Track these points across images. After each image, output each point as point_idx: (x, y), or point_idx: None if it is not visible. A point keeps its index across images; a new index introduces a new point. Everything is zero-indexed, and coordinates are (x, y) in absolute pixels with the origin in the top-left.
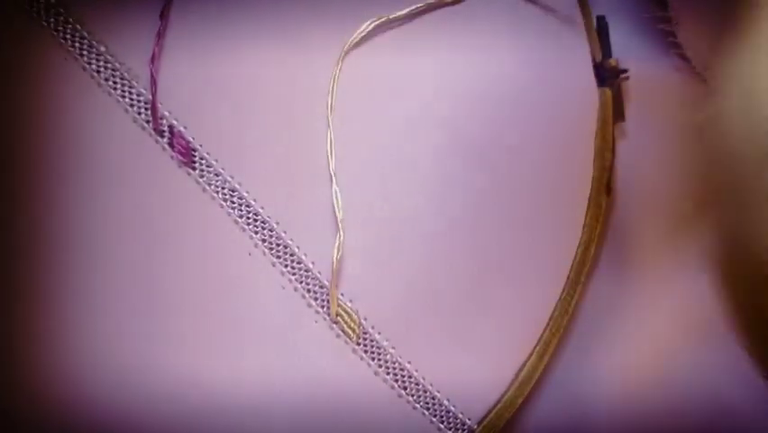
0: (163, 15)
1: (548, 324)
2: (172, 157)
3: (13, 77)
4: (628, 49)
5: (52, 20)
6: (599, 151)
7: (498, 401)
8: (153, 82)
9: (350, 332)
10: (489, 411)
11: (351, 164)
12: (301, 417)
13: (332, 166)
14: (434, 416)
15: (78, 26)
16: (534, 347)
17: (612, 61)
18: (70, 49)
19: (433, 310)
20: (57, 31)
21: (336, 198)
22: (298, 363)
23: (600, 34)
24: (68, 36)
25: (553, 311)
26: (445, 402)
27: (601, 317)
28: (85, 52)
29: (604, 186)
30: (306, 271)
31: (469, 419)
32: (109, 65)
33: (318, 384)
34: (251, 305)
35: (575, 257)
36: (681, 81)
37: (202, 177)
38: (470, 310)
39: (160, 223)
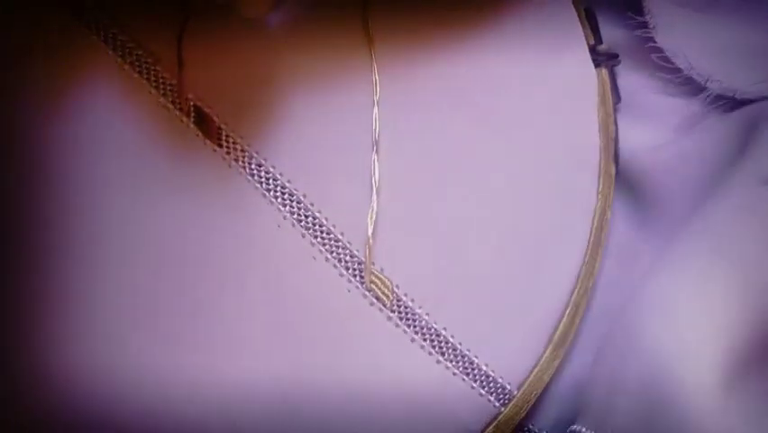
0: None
1: (576, 285)
2: (198, 135)
3: (39, 63)
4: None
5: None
6: (604, 122)
7: (536, 365)
8: (180, 64)
9: (384, 298)
10: (528, 374)
11: (383, 139)
12: (338, 385)
13: (375, 135)
14: (475, 381)
15: (101, 13)
16: (565, 309)
17: (603, 47)
18: (94, 36)
19: (464, 277)
20: (80, 18)
21: (375, 168)
22: (333, 333)
23: (590, 22)
24: (93, 24)
25: (579, 273)
26: (484, 367)
27: (620, 279)
28: (110, 39)
29: (612, 156)
30: (335, 241)
31: (509, 384)
32: (133, 49)
33: (354, 352)
34: (283, 277)
35: (593, 222)
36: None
37: (228, 154)
38: (500, 276)
39: (189, 199)
